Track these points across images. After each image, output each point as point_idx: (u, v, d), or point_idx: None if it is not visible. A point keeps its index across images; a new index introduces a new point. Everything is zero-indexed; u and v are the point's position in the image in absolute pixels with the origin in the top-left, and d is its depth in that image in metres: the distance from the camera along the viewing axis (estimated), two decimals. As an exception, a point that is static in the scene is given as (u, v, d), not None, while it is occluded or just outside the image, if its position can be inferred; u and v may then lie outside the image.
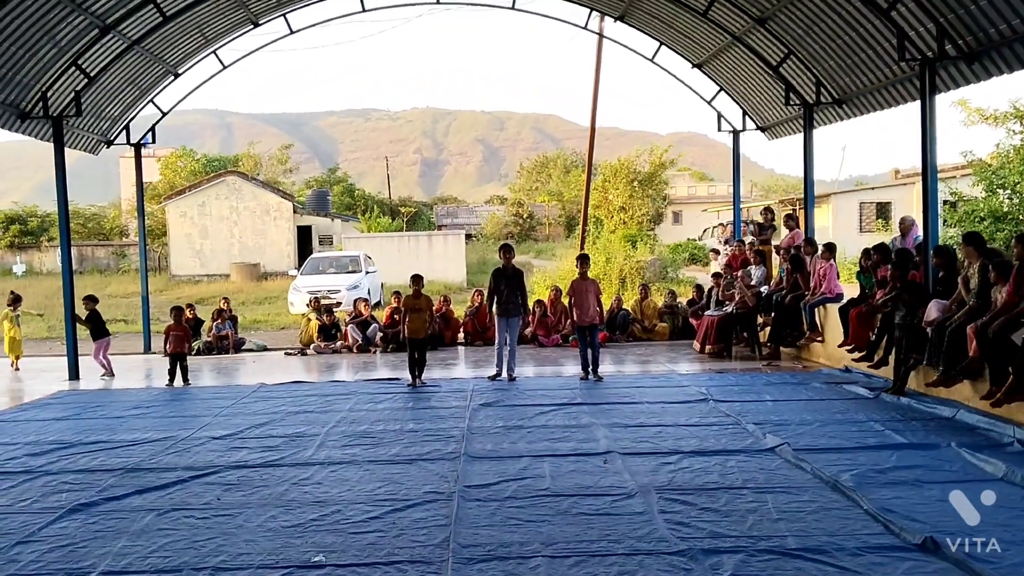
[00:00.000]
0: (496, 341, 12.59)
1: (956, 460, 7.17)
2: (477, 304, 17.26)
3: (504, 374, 12.33)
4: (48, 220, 48.27)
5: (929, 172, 11.13)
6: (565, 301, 14.29)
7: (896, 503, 6.01)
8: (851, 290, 13.67)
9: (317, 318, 17.12)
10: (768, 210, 17.31)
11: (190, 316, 16.65)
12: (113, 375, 13.95)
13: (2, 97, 12.56)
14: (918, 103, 11.32)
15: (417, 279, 12.36)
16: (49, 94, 13.43)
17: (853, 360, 11.75)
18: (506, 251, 12.75)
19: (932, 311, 9.73)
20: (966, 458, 7.17)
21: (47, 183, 18.47)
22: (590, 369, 12.09)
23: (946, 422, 8.65)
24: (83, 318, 14.15)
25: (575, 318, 12.30)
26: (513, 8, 16.73)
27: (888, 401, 9.82)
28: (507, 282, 12.37)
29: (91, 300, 14.50)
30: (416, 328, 12.11)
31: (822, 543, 5.30)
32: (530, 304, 17.23)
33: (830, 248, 13.44)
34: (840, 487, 6.40)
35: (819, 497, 6.26)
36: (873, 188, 39.09)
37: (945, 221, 22.05)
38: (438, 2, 16.74)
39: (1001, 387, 8.39)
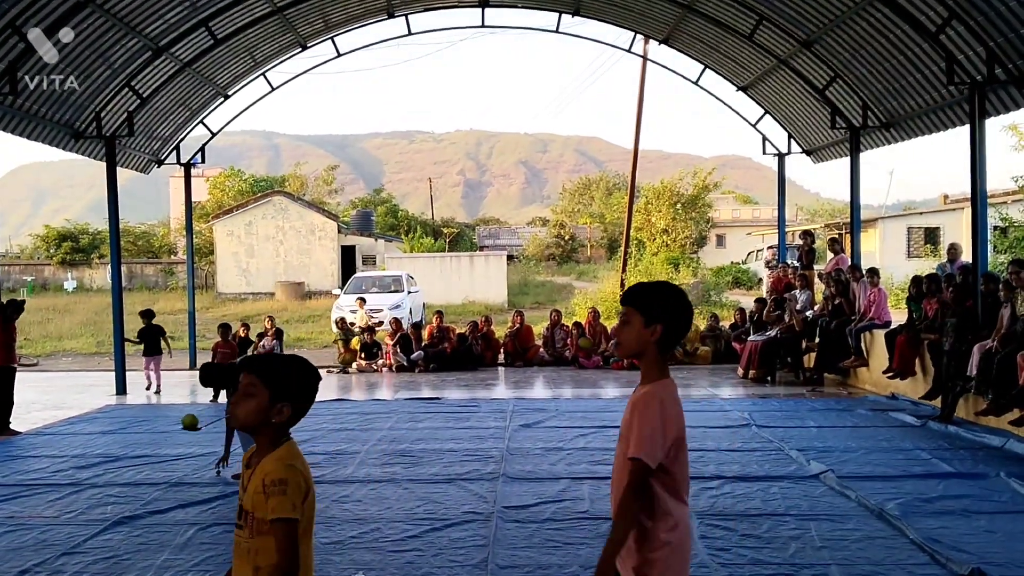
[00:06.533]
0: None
1: (1005, 490, 7.03)
2: (518, 324, 17.29)
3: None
4: (99, 237, 49.20)
5: (979, 197, 10.98)
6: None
7: (943, 533, 5.89)
8: (898, 316, 13.47)
9: (344, 339, 17.61)
10: (808, 233, 17.13)
11: (242, 335, 16.85)
12: (158, 391, 14.02)
13: (57, 117, 12.91)
14: (967, 127, 11.19)
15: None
16: (103, 114, 13.76)
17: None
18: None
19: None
20: (1015, 488, 7.02)
21: (99, 201, 18.83)
22: None
23: (995, 451, 8.48)
24: (134, 337, 14.19)
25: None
26: (558, 31, 16.86)
27: (935, 429, 9.64)
28: None
29: (146, 315, 14.31)
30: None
31: (866, 572, 5.22)
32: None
33: (874, 273, 13.25)
34: (885, 516, 6.29)
35: (864, 525, 6.16)
36: (921, 213, 38.49)
37: (995, 247, 21.67)
38: (483, 25, 16.90)
39: None
